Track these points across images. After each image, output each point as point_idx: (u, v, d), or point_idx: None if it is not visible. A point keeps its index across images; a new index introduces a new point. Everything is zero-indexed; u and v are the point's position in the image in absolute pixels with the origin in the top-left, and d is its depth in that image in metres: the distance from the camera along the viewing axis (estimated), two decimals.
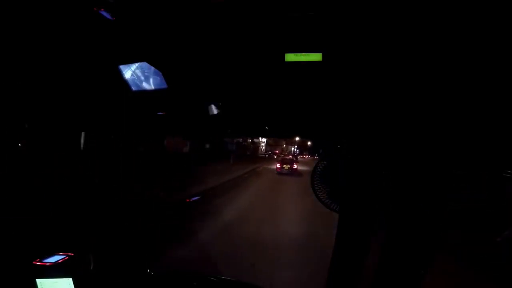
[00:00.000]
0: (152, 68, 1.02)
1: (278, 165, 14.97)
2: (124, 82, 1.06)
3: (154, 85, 1.05)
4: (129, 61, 1.02)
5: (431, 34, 0.73)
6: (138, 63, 1.02)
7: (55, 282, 1.35)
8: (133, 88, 1.07)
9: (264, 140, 38.91)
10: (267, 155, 37.37)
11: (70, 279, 1.34)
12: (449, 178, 0.85)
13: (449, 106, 0.83)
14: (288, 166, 15.22)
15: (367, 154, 0.99)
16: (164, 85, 1.03)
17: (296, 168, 14.67)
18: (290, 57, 0.85)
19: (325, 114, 1.05)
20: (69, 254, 1.47)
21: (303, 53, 0.85)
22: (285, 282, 2.69)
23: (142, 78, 1.05)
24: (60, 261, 1.42)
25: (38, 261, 1.41)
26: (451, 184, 0.85)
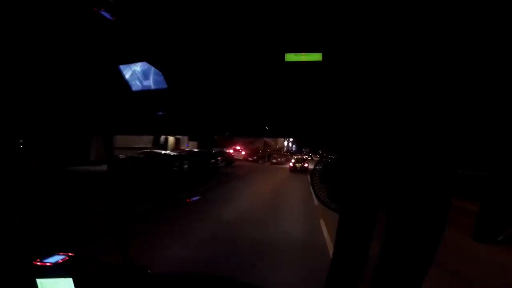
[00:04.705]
0: (152, 68, 1.02)
1: (291, 164, 17.82)
2: (124, 82, 1.06)
3: (154, 85, 1.05)
4: (129, 61, 1.02)
5: (434, 30, 0.73)
6: (138, 63, 1.02)
7: (55, 282, 1.35)
8: (133, 88, 1.07)
9: None
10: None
11: (70, 279, 1.35)
12: (453, 178, 0.85)
13: (451, 106, 0.83)
14: (300, 164, 18.01)
15: (368, 154, 0.99)
16: (164, 85, 1.03)
17: (307, 166, 16.92)
18: (290, 57, 0.85)
19: (325, 113, 1.05)
20: (69, 254, 1.48)
21: (303, 53, 0.84)
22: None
23: (142, 78, 1.05)
24: (60, 261, 1.43)
25: (38, 261, 1.41)
26: (453, 184, 0.85)
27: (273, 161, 23.26)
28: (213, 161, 14.41)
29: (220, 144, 20.53)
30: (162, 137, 18.19)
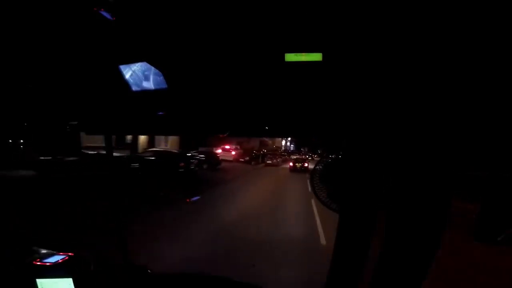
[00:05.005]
0: (152, 68, 1.02)
1: (291, 164, 17.76)
2: (124, 82, 1.06)
3: (154, 85, 1.05)
4: (129, 61, 1.02)
5: (434, 31, 0.73)
6: (138, 63, 1.02)
7: (55, 282, 1.35)
8: (133, 88, 1.07)
9: None
10: None
11: (70, 279, 1.35)
12: (453, 179, 0.85)
13: (452, 106, 0.83)
14: (300, 164, 17.88)
15: (368, 154, 0.99)
16: (164, 85, 1.03)
17: (307, 166, 16.91)
18: (290, 57, 0.85)
19: (325, 113, 1.05)
20: (69, 254, 1.48)
21: (303, 53, 0.84)
22: None
23: (142, 78, 1.05)
24: (60, 261, 1.43)
25: (38, 261, 1.41)
26: (453, 184, 0.85)
27: (268, 162, 21.03)
28: (182, 164, 10.76)
29: (211, 143, 18.51)
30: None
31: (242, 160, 20.56)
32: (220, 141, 19.43)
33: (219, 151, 19.04)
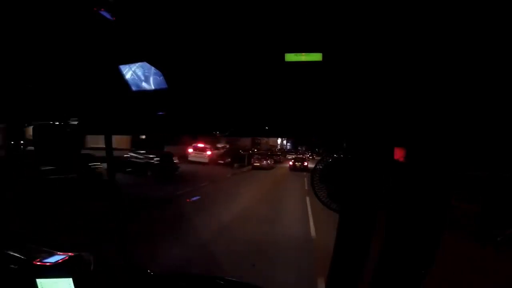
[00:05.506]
0: (152, 68, 1.02)
1: (290, 163, 17.88)
2: (124, 82, 1.06)
3: (154, 85, 1.05)
4: (129, 61, 1.02)
5: (434, 30, 0.73)
6: (138, 63, 1.02)
7: (55, 282, 1.35)
8: (133, 88, 1.07)
9: None
10: None
11: (70, 279, 1.35)
12: (453, 179, 0.85)
13: (452, 106, 0.83)
14: (300, 163, 17.89)
15: (368, 154, 0.99)
16: (164, 85, 1.03)
17: (307, 165, 16.84)
18: (290, 57, 0.85)
19: (325, 113, 1.05)
20: (69, 254, 1.48)
21: (303, 53, 0.84)
22: None
23: (142, 78, 1.05)
24: (60, 261, 1.43)
25: (38, 261, 1.41)
26: (453, 184, 0.85)
27: (256, 164, 16.72)
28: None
29: (183, 141, 14.77)
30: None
31: (222, 162, 15.82)
32: (198, 137, 15.09)
33: (190, 150, 15.06)
